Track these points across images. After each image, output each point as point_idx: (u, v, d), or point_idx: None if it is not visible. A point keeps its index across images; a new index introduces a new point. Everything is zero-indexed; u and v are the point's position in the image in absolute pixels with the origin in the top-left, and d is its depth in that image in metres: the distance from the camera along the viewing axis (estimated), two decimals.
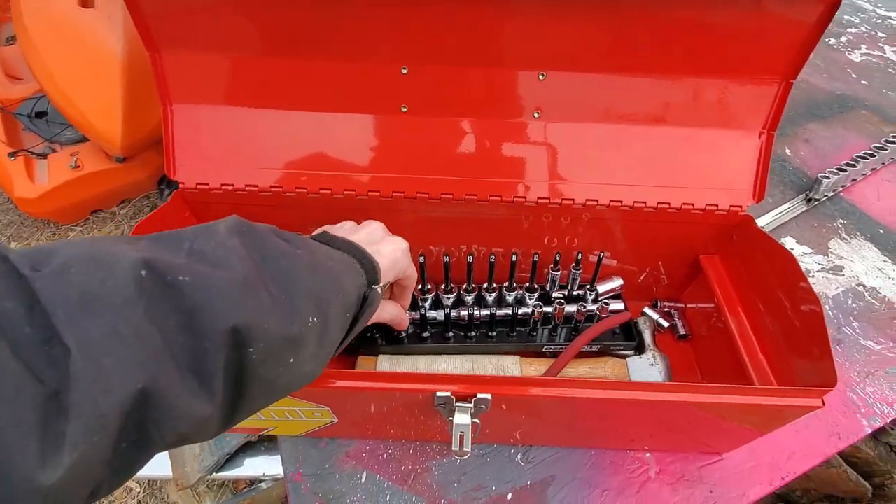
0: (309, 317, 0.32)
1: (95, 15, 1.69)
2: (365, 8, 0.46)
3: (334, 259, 0.38)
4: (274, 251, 0.32)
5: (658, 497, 0.52)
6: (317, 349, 0.33)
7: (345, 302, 0.36)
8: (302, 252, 0.34)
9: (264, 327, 0.29)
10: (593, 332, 0.55)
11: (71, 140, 1.88)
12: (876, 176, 0.88)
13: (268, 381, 0.30)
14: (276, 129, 0.51)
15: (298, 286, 0.32)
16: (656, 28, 0.47)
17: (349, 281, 0.37)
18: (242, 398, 0.29)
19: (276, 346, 0.30)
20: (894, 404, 0.60)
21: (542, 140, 0.52)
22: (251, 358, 0.28)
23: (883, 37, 1.23)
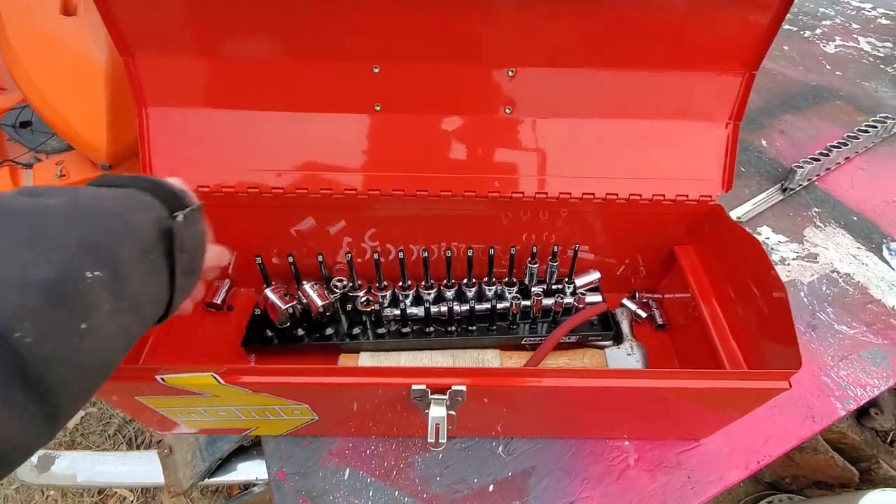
0: (86, 270, 0.27)
1: (78, 23, 1.68)
2: (335, 8, 0.46)
3: (111, 197, 0.31)
4: (11, 212, 0.27)
5: (637, 483, 0.53)
6: (115, 303, 0.28)
7: (139, 241, 0.31)
8: (54, 202, 0.28)
9: (20, 297, 0.24)
10: (570, 324, 0.56)
11: (56, 149, 1.87)
12: (850, 165, 0.90)
13: (66, 358, 0.26)
14: (251, 130, 0.52)
15: (54, 241, 0.27)
16: (623, 24, 0.48)
17: (139, 217, 0.31)
18: (50, 396, 0.25)
19: (47, 318, 0.25)
20: (867, 387, 0.61)
21: (515, 136, 0.53)
22: (24, 343, 0.24)
23: (857, 28, 1.25)
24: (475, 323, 0.59)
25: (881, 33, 1.23)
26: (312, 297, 0.56)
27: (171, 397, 0.43)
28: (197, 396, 0.43)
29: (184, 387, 0.41)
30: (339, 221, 0.57)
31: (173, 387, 0.41)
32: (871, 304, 0.69)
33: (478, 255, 0.60)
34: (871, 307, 0.69)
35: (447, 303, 0.57)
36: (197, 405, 0.45)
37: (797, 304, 0.69)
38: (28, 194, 0.28)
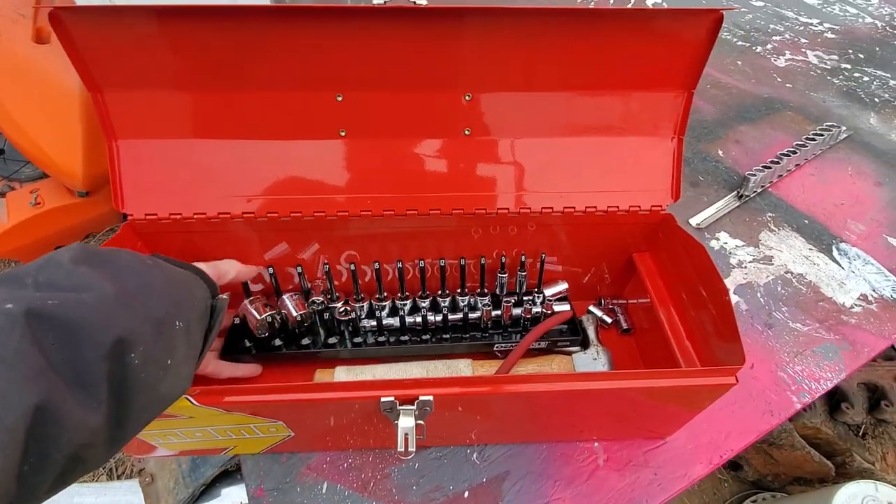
0: (175, 321, 0.35)
1: (51, 51, 1.69)
2: (298, 40, 0.49)
3: (182, 273, 0.42)
4: (127, 269, 0.35)
5: (606, 483, 0.55)
6: (186, 351, 0.37)
7: (198, 310, 0.40)
8: (153, 266, 0.38)
9: (141, 332, 0.32)
10: (538, 331, 0.58)
11: (30, 177, 1.86)
12: (800, 171, 0.95)
13: (150, 386, 0.33)
14: (221, 158, 0.54)
15: (161, 296, 0.35)
16: (571, 51, 0.51)
17: (199, 293, 0.41)
18: (127, 408, 0.31)
19: (154, 350, 0.32)
20: (821, 380, 0.64)
21: (475, 155, 0.56)
22: (133, 364, 0.31)
23: (805, 42, 1.32)
24: (449, 332, 0.61)
25: (827, 47, 1.31)
26: (289, 307, 0.58)
27: None
28: (173, 419, 0.44)
29: None
30: (312, 244, 0.59)
31: None
32: (823, 302, 0.73)
33: (451, 269, 0.63)
34: (822, 305, 0.73)
35: (422, 312, 0.59)
36: (173, 427, 0.46)
37: (754, 304, 0.73)
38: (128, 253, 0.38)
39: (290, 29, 0.48)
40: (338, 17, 0.48)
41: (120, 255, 0.36)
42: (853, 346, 0.68)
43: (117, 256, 0.36)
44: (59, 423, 0.27)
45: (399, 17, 0.48)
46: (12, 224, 1.75)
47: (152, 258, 0.41)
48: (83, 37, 0.45)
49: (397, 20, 0.48)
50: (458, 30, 0.49)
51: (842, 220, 0.86)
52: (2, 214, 1.79)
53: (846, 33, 1.36)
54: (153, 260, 0.40)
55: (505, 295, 0.63)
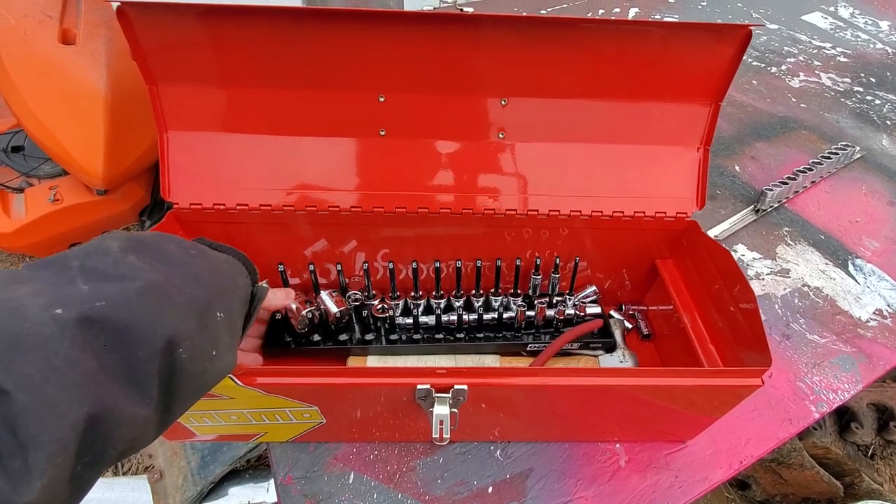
0: (217, 312, 0.36)
1: (77, 52, 1.73)
2: (345, 43, 0.51)
3: (225, 260, 0.41)
4: (173, 259, 0.35)
5: (628, 483, 0.56)
6: (229, 340, 0.37)
7: (240, 298, 0.41)
8: (197, 254, 0.38)
9: (187, 326, 0.32)
10: (572, 334, 0.60)
11: (49, 174, 1.89)
12: (816, 188, 0.97)
13: (196, 375, 0.33)
14: (265, 152, 0.56)
15: (205, 286, 0.35)
16: (604, 60, 0.54)
17: (241, 280, 0.42)
18: (175, 397, 0.32)
19: (200, 342, 0.33)
20: (839, 391, 0.65)
21: (507, 158, 0.58)
22: (181, 358, 0.31)
23: (818, 64, 1.35)
24: (482, 331, 0.63)
25: (840, 70, 1.33)
26: (329, 303, 0.60)
27: None
28: (213, 399, 0.46)
29: None
30: (351, 241, 0.61)
31: None
32: (840, 315, 0.74)
33: (485, 270, 0.65)
34: (839, 318, 0.74)
35: (456, 311, 0.61)
36: (212, 409, 0.48)
37: (772, 315, 0.74)
38: (172, 243, 0.38)
39: (338, 31, 0.50)
40: (385, 21, 0.50)
41: (166, 244, 0.36)
42: (869, 359, 0.69)
43: (163, 245, 0.36)
44: (112, 423, 0.27)
45: (444, 23, 0.50)
46: (30, 219, 1.78)
47: (195, 244, 0.41)
48: (145, 31, 0.48)
49: (442, 25, 0.50)
50: (497, 37, 0.52)
51: (857, 237, 0.87)
52: (20, 210, 1.82)
53: (858, 58, 1.39)
54: (196, 247, 0.40)
55: (537, 296, 0.65)
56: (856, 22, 1.56)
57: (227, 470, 1.18)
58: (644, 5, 1.51)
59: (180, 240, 0.39)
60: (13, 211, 1.80)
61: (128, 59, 1.75)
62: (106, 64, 1.71)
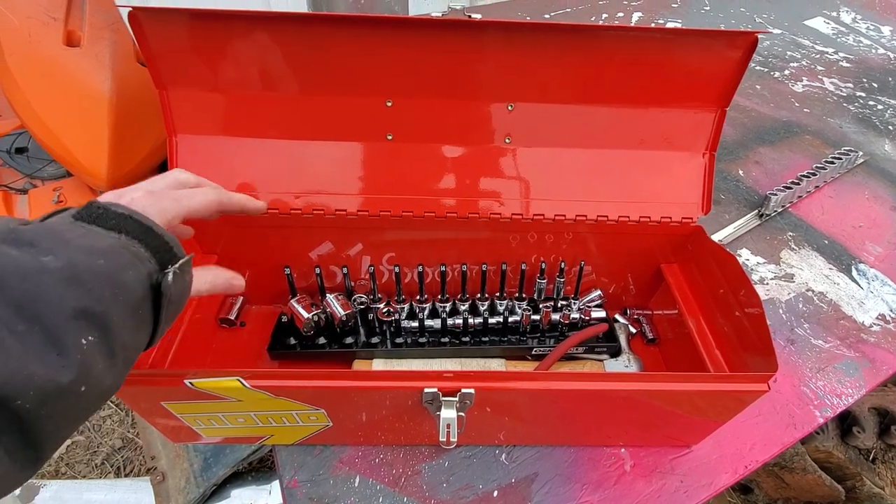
0: (81, 339, 0.27)
1: (81, 53, 1.74)
2: (352, 48, 0.52)
3: (103, 251, 0.30)
4: (8, 272, 0.25)
5: (633, 488, 0.56)
6: (107, 363, 0.29)
7: (129, 301, 0.30)
8: (51, 260, 0.27)
9: (24, 376, 0.24)
10: (577, 339, 0.60)
11: (52, 175, 1.89)
12: (819, 193, 0.97)
13: (62, 416, 0.27)
14: (273, 156, 0.56)
15: (54, 310, 0.26)
16: (610, 66, 0.54)
17: (130, 274, 0.30)
18: (37, 446, 0.26)
19: (51, 385, 0.25)
20: (843, 396, 0.65)
21: (513, 163, 0.58)
22: (25, 407, 0.24)
23: (822, 69, 1.36)
24: (487, 335, 0.63)
25: (843, 75, 1.34)
26: (335, 307, 0.60)
27: (196, 402, 0.46)
28: (220, 401, 0.46)
29: (210, 391, 0.44)
30: (357, 245, 0.61)
31: (200, 391, 0.44)
32: (843, 320, 0.74)
33: (490, 274, 0.65)
34: (843, 323, 0.74)
35: (461, 315, 0.61)
36: (218, 411, 0.48)
37: (776, 320, 0.74)
38: (19, 244, 0.27)
39: (347, 37, 0.51)
40: (393, 27, 0.50)
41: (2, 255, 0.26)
42: (873, 364, 0.69)
43: None
44: None
45: (451, 29, 0.50)
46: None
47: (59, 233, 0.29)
48: (156, 36, 0.48)
49: (449, 31, 0.50)
50: (503, 43, 0.52)
51: (860, 242, 0.87)
52: (24, 211, 1.82)
53: (860, 63, 1.39)
54: (58, 240, 0.28)
55: (542, 300, 0.65)
56: (858, 27, 1.57)
57: (229, 472, 1.18)
58: (647, 9, 1.51)
59: (44, 228, 0.29)
60: (17, 212, 1.80)
61: (132, 61, 1.76)
62: (110, 66, 1.72)
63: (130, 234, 0.32)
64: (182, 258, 0.34)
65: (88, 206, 0.32)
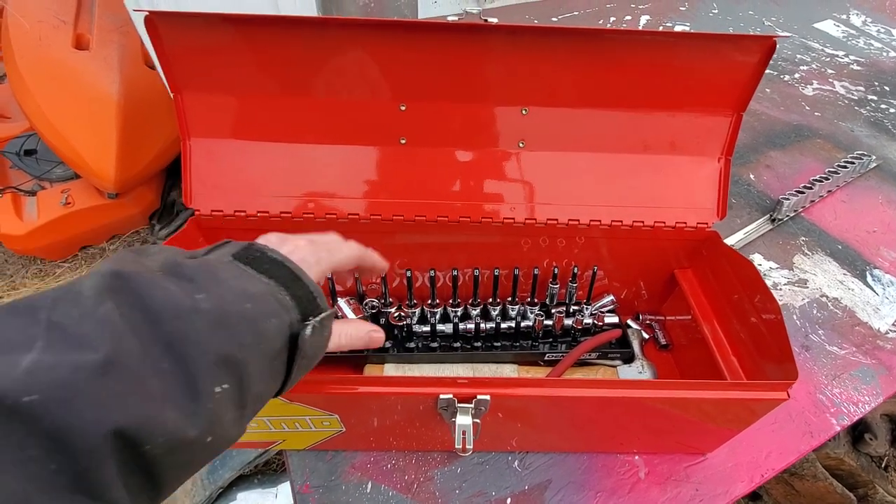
0: (216, 385, 0.26)
1: (90, 57, 1.75)
2: (366, 52, 0.52)
3: (254, 296, 0.29)
4: (164, 309, 0.25)
5: (648, 496, 0.55)
6: (236, 413, 0.28)
7: (267, 351, 0.29)
8: (204, 299, 0.27)
9: (158, 422, 0.24)
10: (590, 344, 0.59)
11: (61, 177, 1.91)
12: (832, 197, 0.96)
13: (182, 464, 0.26)
14: (286, 160, 0.56)
15: (200, 353, 0.26)
16: (626, 70, 0.53)
17: (273, 324, 0.30)
18: (157, 490, 0.26)
19: (181, 431, 0.25)
20: (859, 403, 0.65)
21: (528, 167, 0.58)
22: (153, 454, 0.24)
23: (832, 73, 1.34)
24: (499, 340, 0.62)
25: (854, 78, 1.33)
26: (346, 311, 0.60)
27: None
28: None
29: None
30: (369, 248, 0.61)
31: None
32: (859, 327, 0.74)
33: (502, 279, 0.64)
34: (858, 329, 0.73)
35: (473, 320, 0.61)
36: None
37: (791, 326, 0.73)
38: (179, 278, 0.27)
39: (360, 41, 0.51)
40: (406, 31, 0.50)
41: (163, 288, 0.26)
42: (889, 371, 0.68)
43: (158, 289, 0.26)
44: None
45: (465, 33, 0.50)
46: (42, 222, 1.79)
47: (215, 272, 0.29)
48: (172, 40, 0.48)
49: (463, 35, 0.50)
50: (517, 47, 0.52)
51: (874, 247, 0.86)
52: (32, 212, 1.84)
53: (871, 66, 1.38)
54: (213, 279, 0.28)
55: (555, 305, 0.65)
56: (868, 30, 1.56)
57: (235, 475, 1.18)
58: (655, 12, 1.51)
59: (203, 264, 0.29)
60: (25, 214, 1.82)
61: (140, 64, 1.77)
62: (119, 69, 1.73)
63: (279, 281, 0.32)
64: (324, 312, 0.34)
65: (248, 248, 0.33)
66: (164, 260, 0.29)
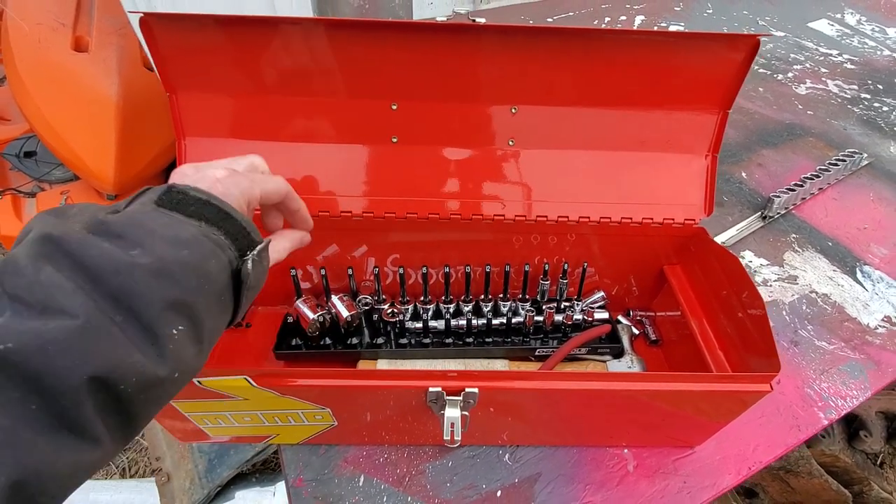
0: (172, 328, 0.28)
1: (89, 59, 1.76)
2: (359, 53, 0.53)
3: (187, 242, 0.30)
4: (102, 266, 0.26)
5: (636, 489, 0.56)
6: (196, 348, 0.30)
7: (213, 290, 0.31)
8: (139, 254, 0.28)
9: (128, 364, 0.26)
10: (580, 340, 0.60)
11: (61, 179, 1.92)
12: (823, 195, 0.97)
13: (151, 400, 0.28)
14: (279, 158, 0.57)
15: (146, 302, 0.27)
16: (613, 69, 0.54)
17: (213, 264, 0.31)
18: (132, 425, 0.28)
19: (149, 369, 0.27)
20: (847, 398, 0.65)
21: (517, 165, 0.59)
22: (127, 393, 0.26)
23: (825, 72, 1.35)
24: (491, 336, 0.63)
25: (847, 77, 1.33)
26: (340, 308, 0.60)
27: (204, 401, 0.47)
28: (227, 400, 0.46)
29: (218, 389, 0.44)
30: (362, 246, 0.62)
31: (208, 389, 0.44)
32: (848, 322, 0.74)
33: (493, 275, 0.65)
34: (847, 325, 0.74)
35: (465, 316, 0.62)
36: (225, 410, 0.48)
37: (780, 322, 0.74)
38: (109, 236, 0.28)
39: (352, 41, 0.52)
40: (398, 31, 0.51)
41: (94, 247, 0.27)
42: (878, 366, 0.69)
43: (90, 248, 0.27)
44: (45, 481, 0.24)
45: (456, 33, 0.51)
46: None
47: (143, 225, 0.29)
48: (166, 41, 0.49)
49: (454, 35, 0.51)
50: (507, 46, 0.53)
51: (865, 244, 0.87)
52: (32, 214, 1.84)
53: (865, 65, 1.39)
54: (143, 233, 0.29)
55: (546, 301, 0.66)
56: (863, 29, 1.57)
57: (233, 473, 1.19)
58: (650, 13, 1.52)
59: (128, 218, 0.29)
60: (25, 215, 1.82)
61: (139, 66, 1.78)
62: (117, 71, 1.74)
63: (210, 221, 0.32)
64: (259, 243, 0.34)
65: (168, 192, 0.32)
66: (87, 219, 0.29)
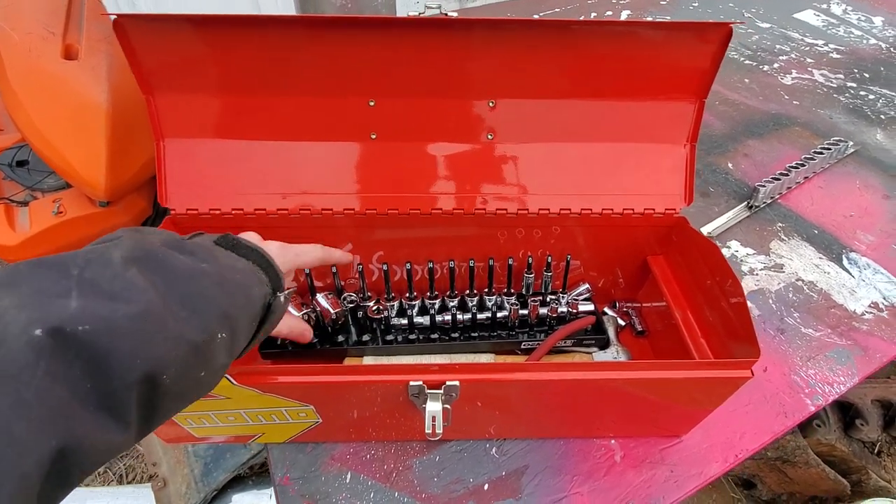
0: (218, 333, 0.33)
1: (79, 66, 1.76)
2: (334, 50, 0.53)
3: (241, 270, 0.38)
4: (178, 273, 0.32)
5: (623, 478, 0.56)
6: (226, 360, 0.35)
7: (251, 312, 0.37)
8: (207, 267, 0.34)
9: (176, 354, 0.30)
10: (564, 332, 0.60)
11: (53, 187, 1.92)
12: (809, 184, 0.97)
13: (179, 395, 0.32)
14: (259, 157, 0.57)
15: (208, 305, 0.32)
16: (590, 61, 0.55)
17: (256, 291, 0.38)
18: (155, 417, 0.31)
19: (188, 367, 0.31)
20: (834, 384, 0.66)
21: (497, 159, 0.59)
22: (164, 383, 0.29)
23: (811, 62, 1.36)
24: (476, 330, 0.63)
25: (833, 66, 1.34)
26: (325, 305, 0.60)
27: None
28: (209, 399, 0.47)
29: None
30: (346, 244, 0.62)
31: None
32: (834, 309, 0.75)
33: (478, 270, 0.65)
34: (834, 311, 0.74)
35: (450, 311, 0.62)
36: (208, 409, 0.48)
37: (766, 310, 0.74)
38: (184, 252, 0.34)
39: (328, 38, 0.52)
40: (374, 28, 0.51)
41: (173, 256, 0.33)
42: (865, 352, 0.69)
43: (170, 259, 0.33)
44: (81, 454, 0.26)
45: (430, 28, 0.51)
46: (34, 232, 1.79)
47: (211, 248, 0.38)
48: (141, 43, 0.49)
49: (429, 30, 0.51)
50: (483, 40, 0.53)
51: (851, 231, 0.87)
52: (24, 223, 1.84)
53: (851, 53, 1.39)
54: (212, 254, 0.36)
55: (531, 295, 0.66)
56: (848, 18, 1.57)
57: (230, 477, 1.19)
58: (636, 7, 1.52)
59: (196, 244, 0.36)
60: (18, 224, 1.82)
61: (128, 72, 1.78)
62: (107, 78, 1.74)
63: (257, 262, 0.40)
64: (289, 290, 0.43)
65: (225, 237, 0.41)
66: (165, 239, 0.35)
